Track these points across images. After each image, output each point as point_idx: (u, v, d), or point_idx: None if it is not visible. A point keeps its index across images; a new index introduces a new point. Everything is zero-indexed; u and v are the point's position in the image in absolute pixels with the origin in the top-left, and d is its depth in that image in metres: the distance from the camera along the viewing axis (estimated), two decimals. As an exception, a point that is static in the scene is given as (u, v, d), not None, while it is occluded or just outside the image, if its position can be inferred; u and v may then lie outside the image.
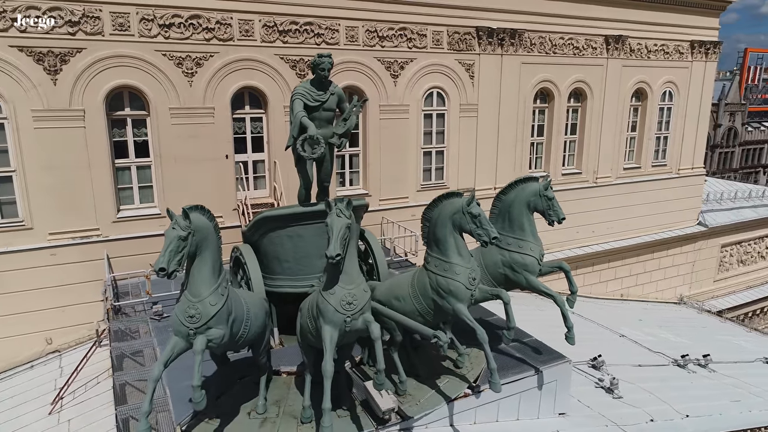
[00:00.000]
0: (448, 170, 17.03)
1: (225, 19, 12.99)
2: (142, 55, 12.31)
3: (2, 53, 11.09)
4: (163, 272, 6.08)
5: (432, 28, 15.71)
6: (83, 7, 11.57)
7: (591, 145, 19.78)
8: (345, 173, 15.80)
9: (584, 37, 18.49)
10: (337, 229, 6.48)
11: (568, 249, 19.81)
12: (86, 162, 12.19)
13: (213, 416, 8.02)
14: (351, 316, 6.73)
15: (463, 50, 16.36)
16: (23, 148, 11.62)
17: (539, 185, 8.83)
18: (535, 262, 8.72)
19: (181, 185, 13.32)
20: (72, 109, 11.87)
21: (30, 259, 11.98)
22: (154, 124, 12.83)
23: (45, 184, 11.94)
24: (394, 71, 15.39)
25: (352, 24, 14.51)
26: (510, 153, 17.96)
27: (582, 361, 13.34)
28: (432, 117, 16.47)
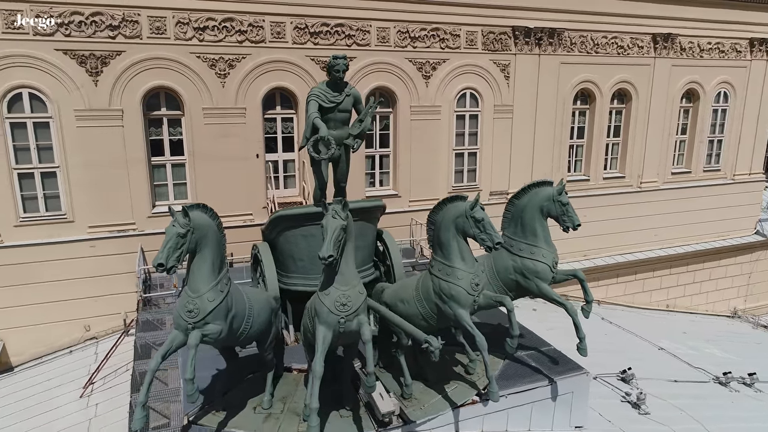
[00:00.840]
0: (481, 172, 16.76)
1: (257, 21, 13.30)
2: (177, 57, 12.79)
3: (48, 56, 11.81)
4: (161, 267, 6.30)
5: (466, 29, 15.50)
6: (123, 12, 12.15)
7: (636, 149, 18.96)
8: (375, 174, 15.84)
9: (629, 36, 17.74)
10: (332, 230, 6.52)
11: (607, 256, 19.08)
12: (124, 159, 12.80)
13: (220, 409, 8.25)
14: (345, 317, 6.75)
15: (499, 50, 16.05)
16: (66, 145, 12.33)
17: (553, 190, 8.55)
18: (547, 269, 8.44)
19: (214, 183, 13.75)
20: (111, 109, 12.49)
21: (71, 250, 12.69)
22: (188, 123, 13.31)
23: (86, 180, 12.62)
24: (425, 72, 15.30)
25: (383, 25, 14.53)
26: (547, 155, 17.48)
27: (611, 373, 12.85)
28: (465, 118, 16.26)
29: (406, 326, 7.67)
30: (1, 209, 12.09)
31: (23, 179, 12.26)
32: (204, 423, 8.00)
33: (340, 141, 9.66)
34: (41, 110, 12.07)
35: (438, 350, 7.05)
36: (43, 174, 12.38)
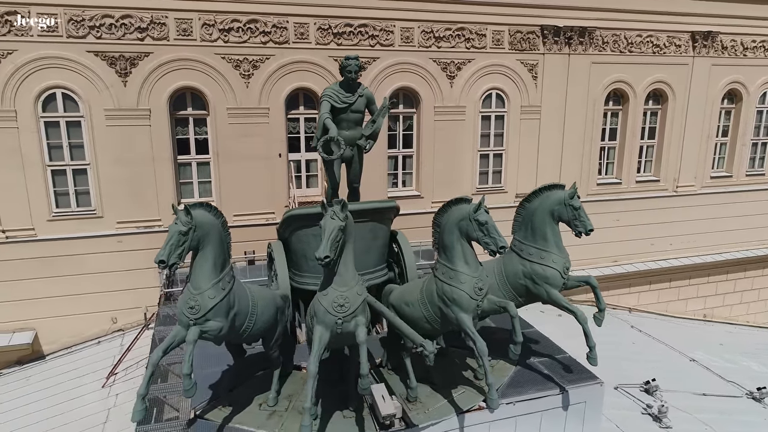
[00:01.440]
0: (507, 174, 16.48)
1: (281, 22, 13.46)
2: (202, 58, 13.08)
3: (80, 57, 12.27)
4: (162, 264, 6.46)
5: (492, 28, 15.27)
6: (151, 15, 12.51)
7: (671, 151, 18.26)
8: (398, 174, 15.80)
9: (666, 34, 17.09)
10: (329, 231, 6.53)
11: (639, 262, 18.45)
12: (151, 157, 13.18)
13: (226, 404, 8.40)
14: (342, 318, 6.75)
15: (526, 50, 15.74)
16: (96, 143, 12.79)
17: (564, 193, 8.31)
18: (557, 275, 8.21)
19: (237, 181, 14.00)
20: (139, 108, 12.88)
21: (99, 245, 13.16)
22: (213, 123, 13.60)
23: (115, 177, 13.06)
24: (450, 72, 15.15)
25: (407, 25, 14.47)
26: (576, 157, 17.03)
27: (634, 384, 12.43)
28: (490, 119, 16.02)
29: (404, 328, 7.62)
30: (36, 204, 12.63)
31: (56, 176, 12.79)
32: (210, 417, 8.15)
33: (352, 141, 9.70)
34: (73, 110, 12.56)
35: (432, 354, 6.97)
36: (75, 171, 12.89)
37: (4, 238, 12.54)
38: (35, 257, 12.78)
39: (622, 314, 18.43)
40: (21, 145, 12.28)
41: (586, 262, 17.65)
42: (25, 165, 12.39)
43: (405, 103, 15.32)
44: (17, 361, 13.11)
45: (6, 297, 12.68)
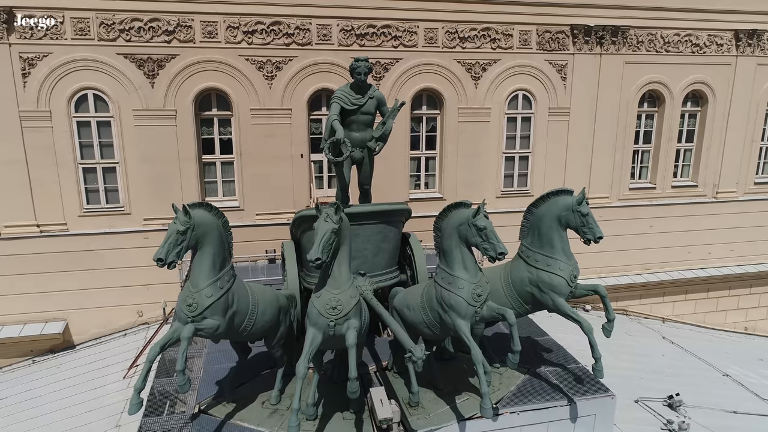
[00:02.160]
0: (533, 177, 16.12)
1: (304, 24, 13.59)
2: (227, 60, 13.36)
3: (110, 60, 12.74)
4: (161, 262, 6.63)
5: (519, 28, 14.96)
6: (178, 18, 12.86)
7: (711, 156, 17.43)
8: (420, 176, 15.70)
9: (706, 33, 16.32)
10: (322, 233, 6.54)
11: (674, 270, 17.69)
12: (176, 157, 13.56)
13: (231, 401, 8.54)
14: (335, 320, 6.75)
15: (555, 50, 15.35)
16: (125, 142, 13.26)
17: (572, 199, 8.03)
18: (563, 283, 7.94)
19: (260, 181, 14.22)
20: (166, 109, 13.27)
21: (127, 240, 13.63)
22: (237, 123, 13.86)
23: (142, 175, 13.50)
24: (475, 73, 14.94)
25: (431, 26, 14.35)
26: (607, 161, 16.49)
27: (657, 397, 11.93)
28: (516, 120, 15.70)
29: (397, 331, 7.56)
30: (68, 200, 13.20)
31: (87, 173, 13.33)
32: (213, 413, 8.31)
33: (362, 143, 9.69)
34: (104, 110, 13.06)
35: (420, 361, 6.87)
36: (105, 169, 13.39)
37: (39, 232, 13.14)
38: (67, 251, 13.34)
39: (654, 324, 17.73)
40: (55, 143, 12.85)
41: (616, 269, 17.10)
42: (59, 163, 12.96)
43: (428, 105, 15.21)
44: (50, 350, 13.74)
45: (40, 288, 13.28)
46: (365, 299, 9.17)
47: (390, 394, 8.91)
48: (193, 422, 8.10)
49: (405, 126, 14.85)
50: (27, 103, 12.50)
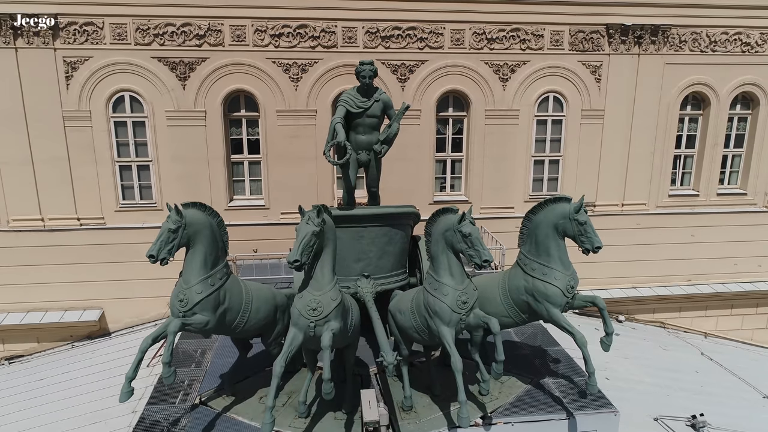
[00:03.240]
0: (564, 181, 15.64)
1: (330, 27, 13.79)
2: (254, 63, 13.75)
3: (145, 63, 13.40)
4: (152, 259, 6.95)
5: (551, 28, 14.55)
6: (209, 22, 13.36)
7: (763, 162, 16.32)
8: (446, 179, 15.57)
9: (759, 31, 15.29)
10: (302, 235, 6.65)
11: (718, 282, 16.69)
12: (206, 156, 14.09)
13: (231, 394, 8.82)
14: (315, 321, 6.85)
15: (589, 51, 14.83)
16: (158, 142, 13.91)
17: (570, 206, 7.76)
18: (558, 294, 7.68)
19: (286, 180, 14.55)
20: (196, 110, 13.81)
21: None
22: (263, 124, 14.24)
23: (173, 173, 14.12)
24: (503, 74, 14.66)
25: (458, 27, 14.21)
26: (645, 166, 15.77)
27: (680, 417, 11.34)
28: (546, 123, 15.29)
29: (378, 334, 7.57)
30: (105, 196, 13.99)
31: (123, 171, 14.07)
32: (212, 405, 8.61)
33: (369, 146, 9.77)
34: (139, 110, 13.75)
35: (391, 366, 6.85)
36: (139, 167, 14.10)
37: (79, 225, 14.00)
38: (104, 243, 14.14)
39: (694, 339, 16.80)
40: (94, 142, 13.65)
41: (652, 279, 16.33)
42: (97, 160, 13.76)
43: (455, 107, 15.06)
44: (87, 336, 14.62)
45: (79, 277, 14.15)
46: (364, 301, 9.26)
47: (386, 396, 8.96)
48: (192, 413, 8.43)
49: (430, 128, 14.78)
50: (69, 103, 13.34)
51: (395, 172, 14.71)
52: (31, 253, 13.83)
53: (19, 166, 13.50)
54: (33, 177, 13.62)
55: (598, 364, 13.13)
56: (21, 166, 13.49)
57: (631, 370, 13.40)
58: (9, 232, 13.74)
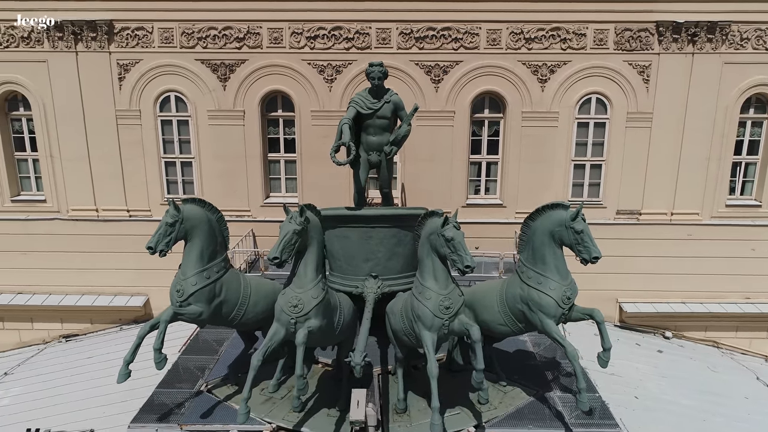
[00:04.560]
0: (606, 187, 14.90)
1: (364, 29, 13.94)
2: (290, 64, 14.15)
3: (189, 65, 14.16)
4: (151, 250, 7.38)
5: (594, 27, 13.91)
6: (248, 26, 13.90)
7: (839, 171, 14.77)
8: (481, 181, 15.29)
9: (836, 27, 13.85)
10: (283, 233, 6.82)
11: (780, 301, 15.29)
12: (243, 154, 14.67)
13: (235, 384, 9.18)
14: (295, 318, 6.99)
15: (636, 50, 14.03)
16: (200, 140, 14.64)
17: (566, 214, 7.40)
18: (552, 304, 7.35)
19: (318, 179, 14.86)
20: (235, 110, 14.42)
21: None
22: (299, 124, 14.63)
23: (214, 170, 14.82)
24: (541, 75, 14.19)
25: (494, 27, 13.91)
26: (699, 173, 14.70)
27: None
28: (588, 126, 14.63)
29: (361, 333, 7.59)
30: (152, 190, 14.92)
31: (168, 166, 14.93)
32: (215, 393, 8.98)
33: (379, 147, 9.81)
34: (183, 110, 14.54)
35: (359, 366, 6.83)
36: (183, 163, 14.91)
37: (128, 216, 15.02)
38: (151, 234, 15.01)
39: (752, 362, 15.43)
40: (143, 139, 14.59)
41: (703, 294, 15.21)
42: (145, 156, 14.69)
43: (491, 108, 14.75)
44: (134, 320, 15.64)
45: (127, 265, 15.14)
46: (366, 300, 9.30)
47: (384, 397, 8.98)
48: (195, 399, 8.84)
49: (465, 129, 14.57)
50: (122, 103, 14.34)
51: (426, 173, 14.68)
52: (86, 240, 14.98)
53: (78, 161, 14.68)
54: (89, 171, 14.76)
55: (630, 382, 12.53)
56: (79, 161, 14.67)
57: (666, 390, 12.56)
58: (68, 220, 14.97)
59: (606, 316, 15.08)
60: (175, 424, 8.11)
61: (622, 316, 15.34)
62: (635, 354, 14.28)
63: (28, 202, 15.20)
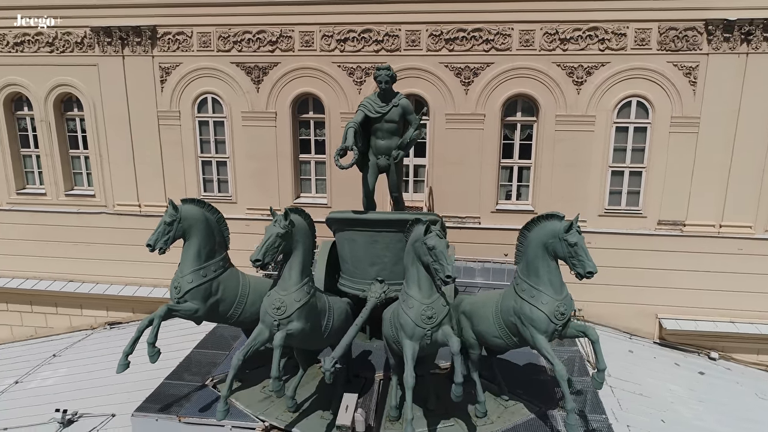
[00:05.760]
0: (647, 196, 14.06)
1: (393, 31, 13.88)
2: (320, 67, 14.32)
3: (225, 68, 14.64)
4: (150, 248, 7.70)
5: (635, 26, 13.16)
6: (280, 29, 14.20)
7: None
8: (512, 186, 14.85)
9: None
10: (267, 236, 6.92)
11: None
12: (275, 154, 15.00)
13: (238, 380, 9.40)
14: (278, 320, 7.06)
15: (682, 50, 13.15)
16: (234, 140, 15.11)
17: (560, 225, 7.03)
18: (543, 319, 7.01)
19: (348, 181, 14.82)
20: (267, 111, 14.77)
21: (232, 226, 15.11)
22: (329, 126, 14.79)
23: (247, 170, 15.25)
24: (577, 77, 13.59)
25: (528, 27, 13.46)
26: (752, 183, 13.57)
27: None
28: (627, 131, 13.87)
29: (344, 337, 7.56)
30: (190, 188, 15.54)
31: (204, 166, 15.50)
32: (218, 388, 9.27)
33: (388, 151, 9.77)
34: (219, 111, 15.05)
35: (329, 372, 6.77)
36: (218, 162, 15.44)
37: (167, 212, 15.72)
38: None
39: (810, 390, 14.11)
40: (182, 139, 15.24)
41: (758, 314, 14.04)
42: (184, 156, 15.34)
43: (523, 111, 14.30)
44: (171, 311, 16.35)
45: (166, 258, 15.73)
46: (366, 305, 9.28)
47: (381, 404, 8.94)
48: (199, 392, 9.18)
49: (495, 132, 14.20)
50: (163, 104, 15.04)
51: (455, 177, 14.44)
52: (130, 234, 15.81)
53: (123, 158, 15.55)
54: (133, 168, 15.59)
55: (660, 404, 11.85)
56: (124, 158, 15.53)
57: (700, 415, 11.70)
58: (113, 214, 15.89)
59: (644, 332, 14.45)
60: (174, 416, 8.41)
61: (661, 333, 14.44)
62: (671, 374, 13.39)
63: (79, 196, 16.26)
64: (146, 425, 8.40)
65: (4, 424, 12.01)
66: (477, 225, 14.59)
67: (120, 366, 7.88)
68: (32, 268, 16.54)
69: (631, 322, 14.37)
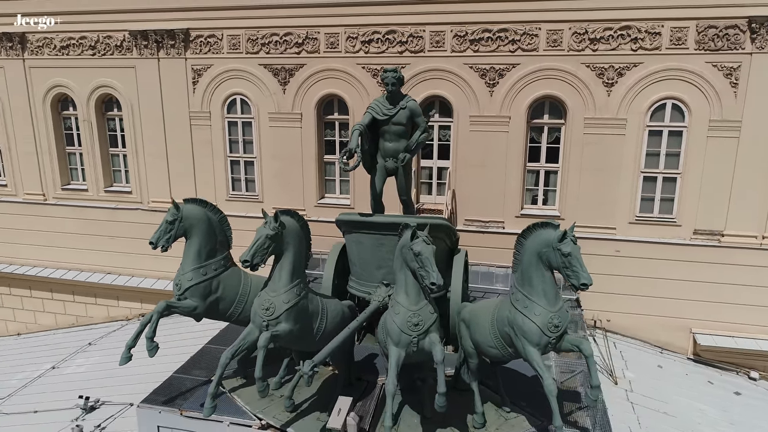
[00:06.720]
0: (682, 203, 13.34)
1: (417, 32, 13.77)
2: (345, 68, 14.38)
3: (253, 69, 14.94)
4: (153, 245, 7.93)
5: (671, 24, 12.50)
6: (306, 31, 14.36)
7: None
8: (539, 190, 14.42)
9: None
10: (256, 237, 6.98)
11: None
12: (300, 155, 15.19)
13: (243, 377, 9.58)
14: (267, 321, 7.12)
15: (722, 49, 12.39)
16: (261, 140, 15.40)
17: (554, 234, 6.72)
18: (536, 330, 6.73)
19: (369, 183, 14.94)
20: (293, 112, 14.97)
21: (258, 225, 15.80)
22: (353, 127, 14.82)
23: (273, 169, 15.51)
24: (608, 78, 13.04)
25: (555, 27, 13.03)
26: (799, 192, 12.67)
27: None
28: (661, 135, 13.19)
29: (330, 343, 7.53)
30: (219, 186, 15.97)
31: (233, 165, 15.87)
32: (223, 384, 9.44)
33: (395, 154, 9.70)
34: (247, 112, 15.38)
35: (307, 376, 6.73)
36: (245, 162, 15.78)
37: (198, 209, 16.20)
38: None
39: None
40: (212, 138, 15.67)
41: (799, 332, 13.09)
42: (214, 155, 15.77)
43: (550, 114, 13.86)
44: (200, 306, 16.85)
45: (196, 255, 16.36)
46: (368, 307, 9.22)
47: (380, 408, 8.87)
48: (203, 387, 9.36)
49: (520, 135, 13.84)
50: (195, 105, 15.52)
51: (479, 180, 14.19)
52: (163, 230, 16.41)
53: (157, 157, 16.14)
54: (167, 167, 16.16)
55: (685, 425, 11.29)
56: (159, 157, 16.12)
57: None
58: (148, 211, 16.52)
59: (677, 347, 13.73)
60: (177, 409, 8.64)
61: (696, 349, 13.67)
62: (703, 393, 12.63)
63: (117, 192, 17.01)
64: (150, 416, 8.67)
65: (35, 406, 12.73)
66: (501, 230, 14.25)
67: (123, 358, 8.17)
68: (74, 259, 17.44)
69: (661, 336, 13.67)
